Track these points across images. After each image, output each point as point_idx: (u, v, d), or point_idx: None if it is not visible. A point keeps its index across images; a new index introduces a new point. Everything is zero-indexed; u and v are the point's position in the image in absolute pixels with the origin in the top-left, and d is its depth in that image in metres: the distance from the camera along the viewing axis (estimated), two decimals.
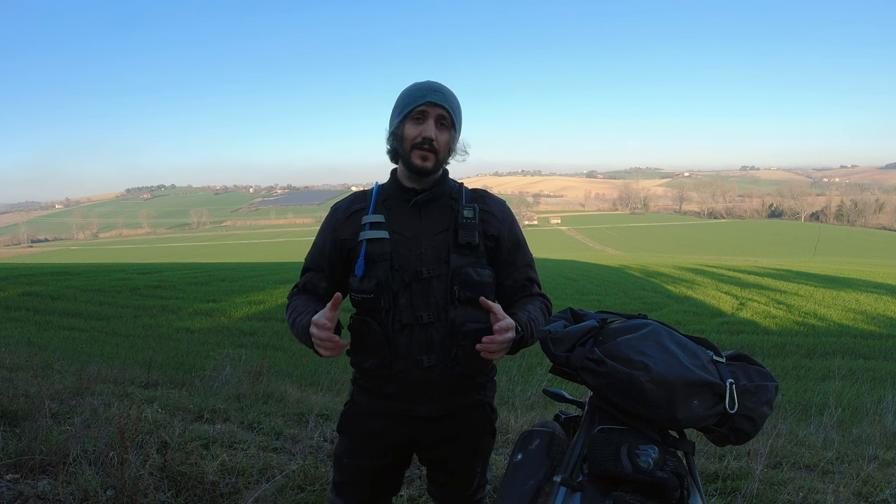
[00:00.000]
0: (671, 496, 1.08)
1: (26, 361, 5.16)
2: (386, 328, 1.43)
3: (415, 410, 1.49)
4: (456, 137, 1.50)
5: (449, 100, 1.47)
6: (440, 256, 1.45)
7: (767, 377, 1.28)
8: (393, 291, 1.43)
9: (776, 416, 4.55)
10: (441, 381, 1.47)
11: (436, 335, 1.44)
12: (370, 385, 1.52)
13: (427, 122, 1.44)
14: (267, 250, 74.31)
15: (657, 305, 15.13)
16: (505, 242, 1.53)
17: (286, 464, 2.75)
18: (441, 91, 1.46)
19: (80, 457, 2.44)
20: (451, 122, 1.47)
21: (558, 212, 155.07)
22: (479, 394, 1.56)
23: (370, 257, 1.44)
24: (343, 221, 1.52)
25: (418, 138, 1.43)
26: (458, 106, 1.51)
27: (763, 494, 2.65)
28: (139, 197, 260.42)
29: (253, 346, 9.71)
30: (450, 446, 1.55)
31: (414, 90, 1.47)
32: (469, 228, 1.46)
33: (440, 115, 1.45)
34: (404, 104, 1.46)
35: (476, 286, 1.44)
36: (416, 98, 1.44)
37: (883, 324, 12.47)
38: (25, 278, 17.01)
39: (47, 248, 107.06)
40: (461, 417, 1.53)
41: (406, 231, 1.47)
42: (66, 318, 12.26)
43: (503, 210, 1.57)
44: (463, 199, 1.51)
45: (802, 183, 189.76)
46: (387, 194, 1.52)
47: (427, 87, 1.46)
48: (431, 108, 1.44)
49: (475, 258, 1.47)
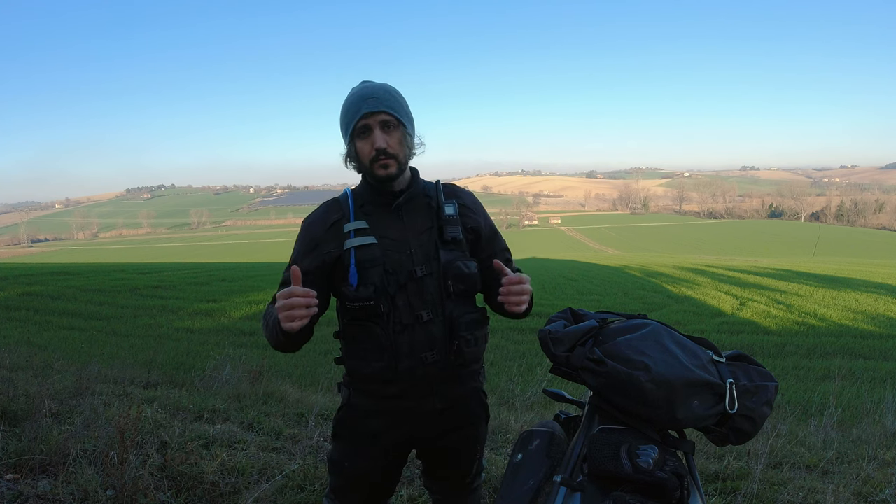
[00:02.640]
0: (671, 496, 1.08)
1: (26, 361, 5.16)
2: (387, 331, 1.44)
3: (418, 407, 1.51)
4: (408, 132, 1.47)
5: (384, 101, 1.42)
6: (429, 254, 1.47)
7: (767, 377, 1.28)
8: (390, 295, 1.43)
9: (776, 416, 4.55)
10: (442, 375, 1.49)
11: (436, 331, 1.46)
12: (371, 388, 1.51)
13: (373, 133, 1.41)
14: (267, 250, 74.29)
15: (657, 305, 15.14)
16: (483, 233, 1.58)
17: (286, 464, 2.75)
18: (374, 96, 1.41)
19: (80, 457, 2.44)
20: (398, 120, 1.44)
21: (558, 212, 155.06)
22: (475, 381, 1.61)
23: (361, 264, 1.43)
24: (322, 234, 1.48)
25: (372, 153, 1.41)
26: (397, 102, 1.45)
27: (763, 494, 2.65)
28: (139, 197, 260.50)
29: (253, 346, 9.70)
30: (451, 437, 1.58)
31: (349, 105, 1.43)
32: (452, 224, 1.50)
33: (383, 121, 1.41)
34: (346, 122, 1.44)
35: (467, 278, 1.48)
36: (353, 114, 1.42)
37: (883, 324, 12.47)
38: (25, 278, 17.01)
39: (47, 248, 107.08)
40: (460, 406, 1.57)
41: (391, 234, 1.47)
42: (66, 318, 12.26)
43: (475, 202, 1.61)
44: (441, 196, 1.53)
45: (802, 183, 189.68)
46: (363, 199, 1.50)
47: (359, 96, 1.42)
48: (371, 117, 1.40)
49: (461, 252, 1.51)
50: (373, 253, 1.44)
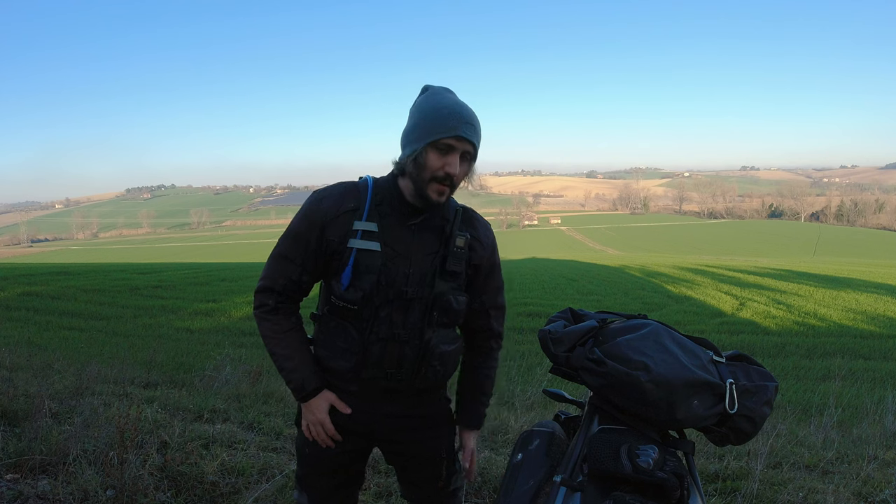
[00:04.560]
0: (671, 496, 1.08)
1: (26, 361, 5.16)
2: (363, 337, 1.44)
3: (374, 409, 1.52)
4: (473, 168, 1.45)
5: (478, 134, 1.40)
6: (424, 279, 1.45)
7: (767, 377, 1.28)
8: (376, 305, 1.43)
9: (776, 416, 4.55)
10: (405, 391, 1.51)
11: (409, 352, 1.45)
12: (332, 381, 1.52)
13: (452, 156, 1.36)
14: (267, 250, 72.82)
15: (657, 305, 15.14)
16: (483, 269, 1.56)
17: (286, 464, 2.75)
18: (472, 124, 1.37)
19: (79, 457, 2.44)
20: (473, 156, 1.42)
21: (558, 212, 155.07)
22: (437, 392, 1.61)
23: (358, 268, 1.41)
24: (332, 219, 1.43)
25: (440, 172, 1.36)
26: (480, 138, 1.42)
27: (763, 494, 2.65)
28: (139, 197, 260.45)
29: (253, 346, 9.69)
30: (408, 435, 1.57)
31: (445, 116, 1.35)
32: (458, 257, 1.47)
33: (466, 151, 1.38)
34: (432, 128, 1.35)
35: (453, 313, 1.48)
36: (446, 128, 1.34)
37: (883, 324, 12.48)
38: (25, 278, 17.02)
39: (47, 247, 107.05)
40: (418, 412, 1.57)
41: (397, 246, 1.44)
42: (66, 318, 12.25)
43: (489, 237, 1.57)
44: (457, 225, 1.48)
45: (802, 183, 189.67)
46: (382, 198, 1.44)
47: (459, 117, 1.35)
48: (460, 142, 1.36)
49: (456, 285, 1.49)
50: (373, 260, 1.41)
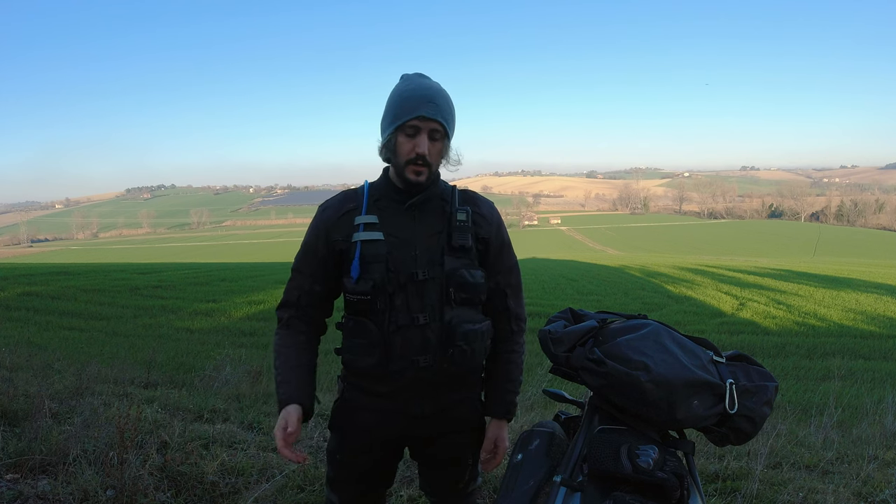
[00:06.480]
0: (671, 496, 1.08)
1: (26, 361, 5.17)
2: (382, 329, 1.45)
3: (406, 408, 1.51)
4: (448, 146, 1.49)
5: (442, 111, 1.42)
6: (434, 259, 1.46)
7: (767, 377, 1.28)
8: (389, 293, 1.44)
9: (776, 416, 4.54)
10: (434, 380, 1.49)
11: (432, 336, 1.45)
12: (362, 383, 1.53)
13: (420, 136, 1.41)
14: (267, 250, 74.29)
15: (657, 305, 15.15)
16: (493, 245, 1.56)
17: (286, 464, 2.75)
18: (434, 102, 1.41)
19: (79, 457, 2.44)
20: (444, 133, 1.45)
21: (558, 212, 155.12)
22: (469, 390, 1.60)
23: (365, 259, 1.44)
24: (335, 222, 1.50)
25: (412, 154, 1.41)
26: (451, 114, 1.46)
27: (763, 495, 2.65)
28: (139, 197, 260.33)
29: (253, 346, 9.70)
30: (439, 441, 1.57)
31: (407, 99, 1.41)
32: (463, 231, 1.48)
33: (433, 129, 1.42)
34: (395, 114, 1.42)
35: (470, 287, 1.47)
36: (408, 110, 1.40)
37: (883, 324, 12.48)
38: (25, 278, 17.01)
39: (47, 247, 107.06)
40: (450, 413, 1.56)
41: (400, 233, 1.47)
42: (66, 318, 12.26)
43: (492, 212, 1.59)
44: (455, 202, 1.52)
45: (802, 183, 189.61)
46: (379, 194, 1.50)
47: (420, 97, 1.41)
48: (424, 122, 1.40)
49: (468, 260, 1.49)
50: (378, 249, 1.44)
